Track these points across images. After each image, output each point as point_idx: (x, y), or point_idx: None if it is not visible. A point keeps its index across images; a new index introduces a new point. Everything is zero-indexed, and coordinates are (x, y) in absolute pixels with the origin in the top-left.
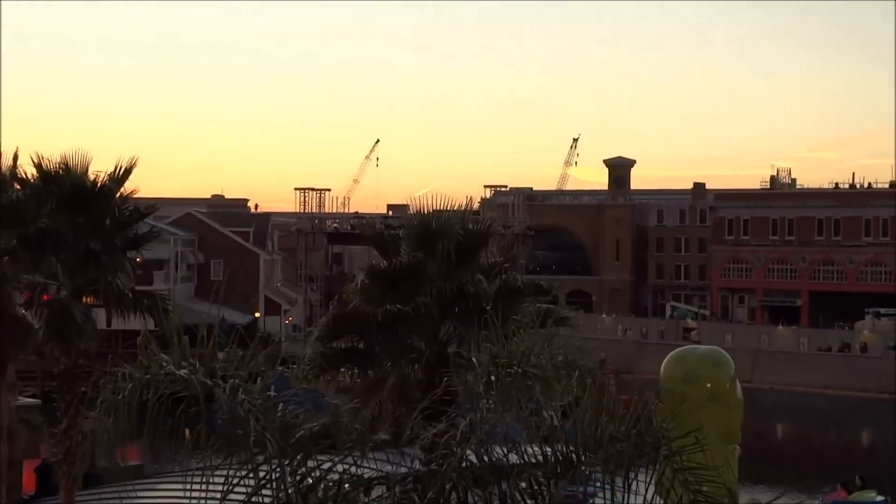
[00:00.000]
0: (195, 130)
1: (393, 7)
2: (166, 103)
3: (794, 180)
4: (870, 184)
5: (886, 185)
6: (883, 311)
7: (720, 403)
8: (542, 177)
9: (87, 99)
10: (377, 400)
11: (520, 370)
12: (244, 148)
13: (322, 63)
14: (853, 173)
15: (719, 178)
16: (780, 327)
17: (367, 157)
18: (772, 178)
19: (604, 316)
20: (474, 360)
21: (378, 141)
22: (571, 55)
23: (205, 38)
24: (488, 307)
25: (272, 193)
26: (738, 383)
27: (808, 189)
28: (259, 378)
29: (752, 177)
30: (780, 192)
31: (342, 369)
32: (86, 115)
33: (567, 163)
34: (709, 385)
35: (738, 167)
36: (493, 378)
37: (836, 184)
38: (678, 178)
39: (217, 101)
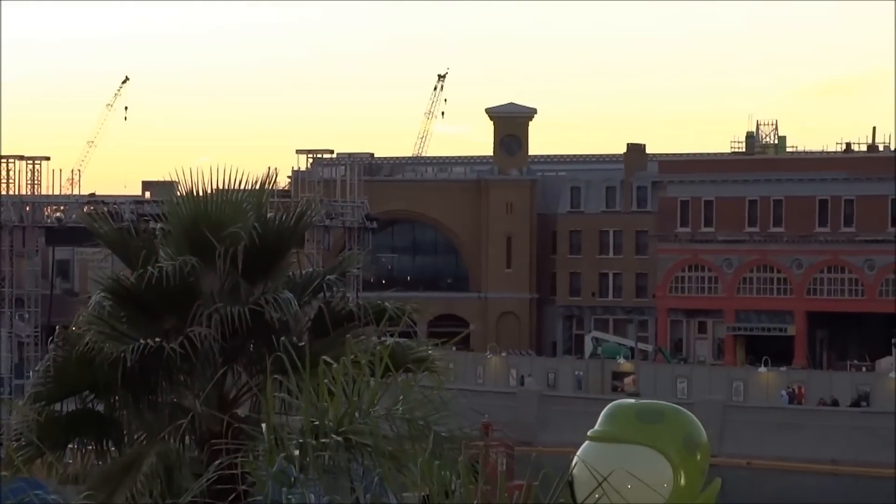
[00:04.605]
0: None
1: None
2: None
3: (782, 139)
4: None
5: None
6: None
7: (687, 488)
8: (390, 136)
9: None
10: (128, 492)
11: (344, 441)
12: None
13: None
14: (874, 128)
15: (666, 138)
16: (763, 369)
17: (109, 106)
18: (748, 136)
19: (489, 355)
20: (280, 427)
21: (126, 79)
22: None
23: None
24: (301, 343)
25: None
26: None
27: (804, 153)
28: None
29: (717, 135)
30: (762, 158)
31: (70, 446)
32: None
33: (429, 114)
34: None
35: (694, 121)
36: (302, 454)
37: (848, 144)
38: (603, 137)
39: None
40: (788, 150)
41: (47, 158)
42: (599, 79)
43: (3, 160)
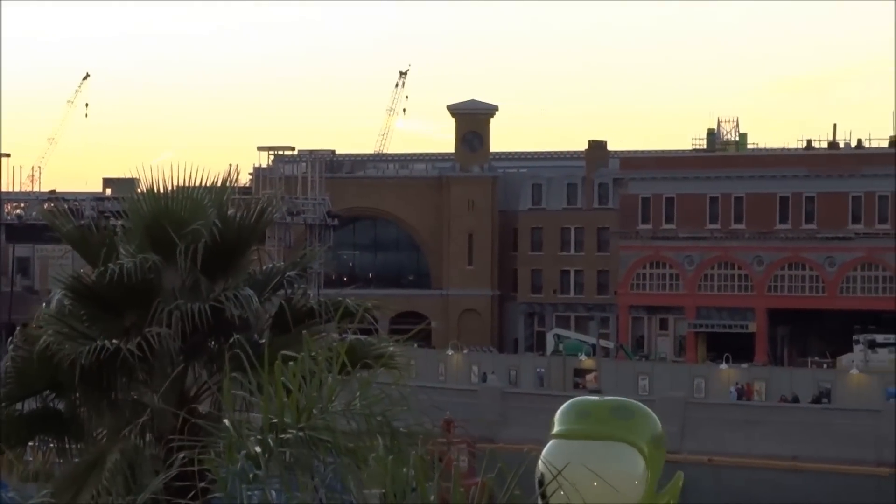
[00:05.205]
0: None
1: None
2: None
3: (743, 136)
4: (860, 141)
5: (885, 144)
6: (881, 337)
7: (654, 480)
8: (352, 133)
9: None
10: (94, 490)
11: (303, 435)
12: None
13: None
14: (834, 125)
15: (628, 135)
16: (724, 366)
17: (69, 102)
18: (709, 133)
19: (450, 352)
20: (240, 424)
21: (87, 76)
22: None
23: None
24: (262, 340)
25: None
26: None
27: (765, 151)
28: None
29: (678, 132)
30: (723, 155)
31: (30, 443)
32: None
33: (390, 111)
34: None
35: (656, 118)
36: (260, 450)
37: (809, 141)
38: (564, 134)
39: None
40: (749, 147)
41: (7, 155)
42: (561, 76)
43: None
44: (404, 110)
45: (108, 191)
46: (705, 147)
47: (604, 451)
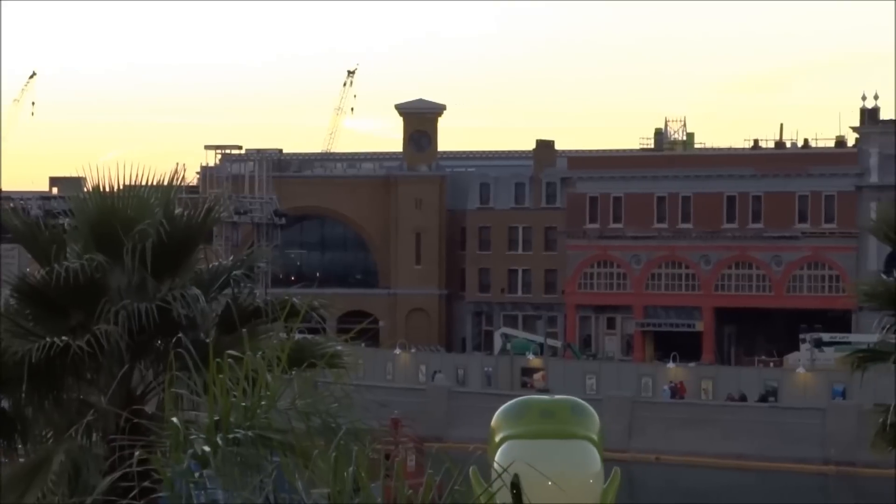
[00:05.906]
0: None
1: None
2: None
3: (690, 136)
4: (806, 141)
5: (831, 144)
6: (827, 336)
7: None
8: (299, 132)
9: None
10: (40, 491)
11: (249, 435)
12: None
13: None
14: (780, 125)
15: (575, 135)
16: (671, 365)
17: (15, 101)
18: (657, 132)
19: (398, 351)
20: (187, 423)
21: (34, 74)
22: None
23: None
24: (208, 339)
25: None
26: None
27: (712, 150)
28: None
29: (627, 132)
30: (670, 154)
31: None
32: None
33: (338, 110)
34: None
35: (603, 118)
36: (206, 449)
37: (756, 141)
38: (512, 133)
39: None
40: (696, 146)
41: None
42: (509, 75)
43: None
44: (352, 109)
45: (55, 190)
46: (653, 147)
47: (572, 450)
